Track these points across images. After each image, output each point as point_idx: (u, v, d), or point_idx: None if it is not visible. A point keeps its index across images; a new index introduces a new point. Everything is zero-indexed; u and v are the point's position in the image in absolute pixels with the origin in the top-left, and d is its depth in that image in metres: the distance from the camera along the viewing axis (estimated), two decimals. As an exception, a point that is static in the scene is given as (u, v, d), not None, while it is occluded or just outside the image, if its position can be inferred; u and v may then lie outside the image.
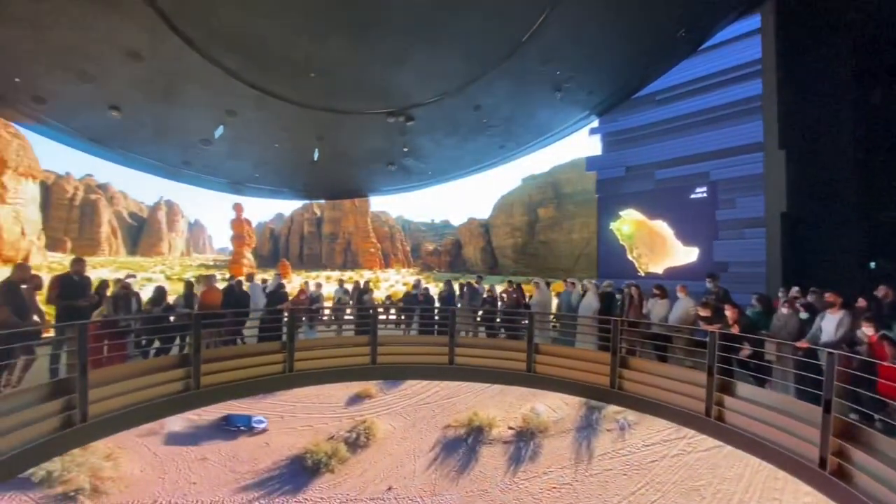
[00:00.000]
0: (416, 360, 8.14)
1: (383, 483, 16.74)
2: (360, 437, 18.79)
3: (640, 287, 8.04)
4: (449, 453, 18.60)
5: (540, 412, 20.40)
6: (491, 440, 19.09)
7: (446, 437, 19.49)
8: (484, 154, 10.15)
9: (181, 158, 7.57)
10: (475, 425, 19.51)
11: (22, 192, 58.77)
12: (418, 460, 18.24)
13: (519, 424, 19.80)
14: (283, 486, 16.11)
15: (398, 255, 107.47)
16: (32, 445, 4.82)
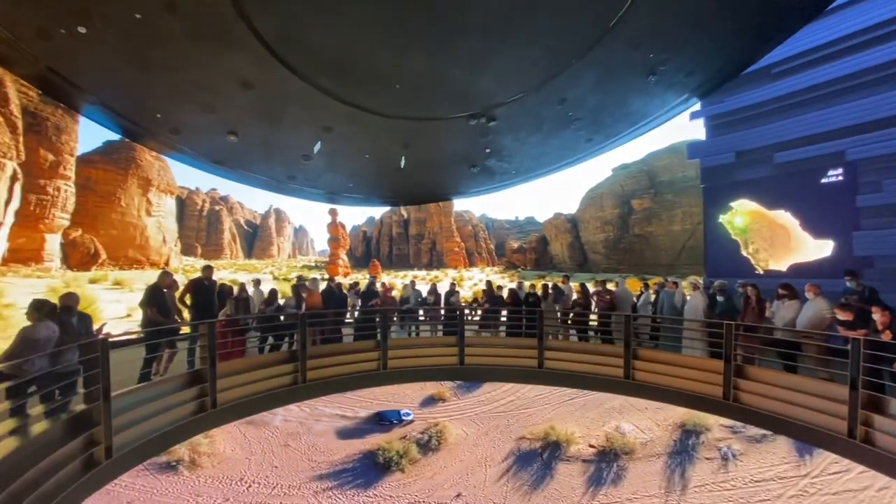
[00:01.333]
0: (505, 362, 8.10)
1: (452, 489, 16.48)
2: (431, 439, 18.72)
3: (758, 287, 7.13)
4: (522, 466, 17.72)
5: (626, 432, 18.78)
6: (569, 457, 17.88)
7: (520, 449, 18.60)
8: (570, 149, 9.73)
9: (286, 173, 8.43)
10: (552, 440, 18.45)
11: (162, 205, 69.71)
12: (490, 470, 17.60)
13: (601, 443, 18.33)
14: (354, 479, 16.57)
15: (482, 254, 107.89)
16: (176, 426, 5.69)
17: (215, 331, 6.08)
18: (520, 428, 20.01)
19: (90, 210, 59.37)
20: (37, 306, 5.26)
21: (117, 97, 5.75)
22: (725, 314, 6.96)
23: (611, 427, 19.13)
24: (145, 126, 6.25)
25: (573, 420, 20.17)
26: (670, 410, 18.56)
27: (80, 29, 4.53)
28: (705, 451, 17.34)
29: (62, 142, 48.49)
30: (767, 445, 16.94)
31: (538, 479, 16.93)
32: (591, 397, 21.15)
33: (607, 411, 20.42)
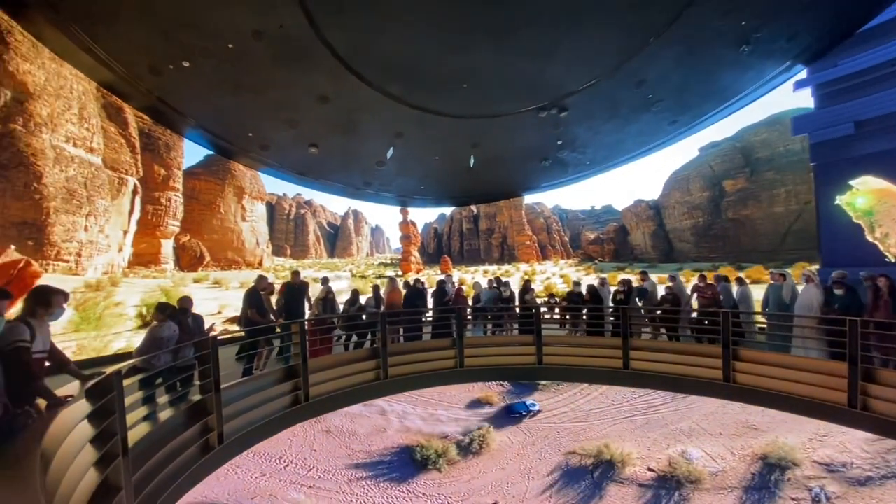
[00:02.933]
0: (586, 362, 7.79)
1: (489, 496, 15.64)
2: (473, 442, 17.99)
3: (890, 277, 6.14)
4: (569, 483, 16.20)
5: (693, 458, 16.49)
6: (623, 479, 16.06)
7: (569, 465, 17.10)
8: (651, 134, 9.07)
9: (362, 180, 8.85)
10: (605, 458, 16.82)
11: (255, 211, 76.70)
12: (532, 482, 16.38)
13: (662, 468, 16.28)
14: (390, 472, 16.41)
15: (556, 247, 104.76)
16: (275, 417, 6.25)
17: (306, 330, 6.58)
18: (571, 442, 18.51)
19: (195, 217, 67.03)
20: (161, 309, 6.01)
21: (215, 120, 6.41)
22: (846, 309, 6.07)
23: (676, 451, 16.80)
24: (239, 144, 6.92)
25: (632, 439, 18.11)
26: (750, 438, 16.71)
27: (184, 63, 5.12)
28: (791, 490, 14.49)
29: (171, 158, 55.28)
30: (874, 489, 13.76)
31: (586, 499, 15.43)
32: (655, 416, 19.27)
33: (673, 433, 17.95)
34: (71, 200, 34.26)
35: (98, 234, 37.53)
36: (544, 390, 22.69)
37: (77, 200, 34.87)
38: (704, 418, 18.37)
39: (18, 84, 31.46)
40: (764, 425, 17.31)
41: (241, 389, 6.11)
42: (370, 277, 59.53)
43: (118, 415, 3.91)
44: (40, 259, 31.56)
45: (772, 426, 17.06)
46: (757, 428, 17.23)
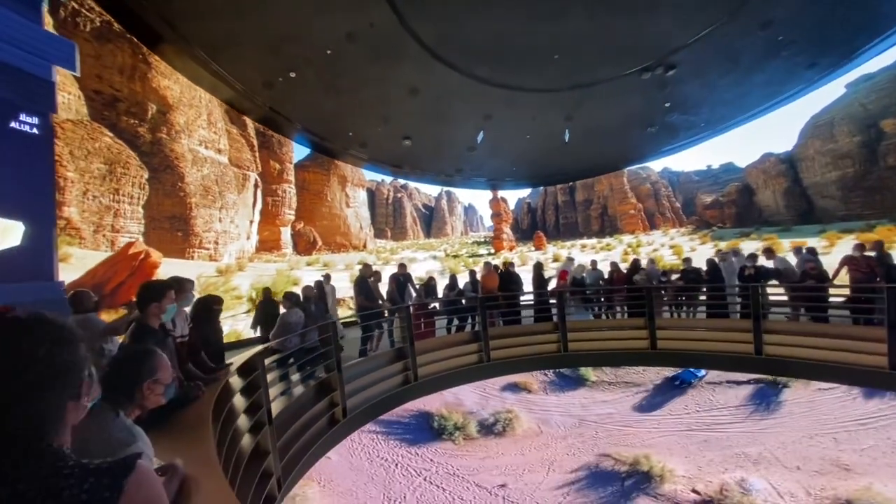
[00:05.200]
0: (707, 346, 7.09)
1: (499, 477, 14.76)
2: (497, 423, 17.07)
3: None
4: (593, 484, 14.60)
5: (754, 488, 13.67)
6: (658, 494, 14.02)
7: (598, 467, 15.54)
8: (782, 84, 7.72)
9: (454, 167, 8.95)
10: (642, 468, 14.96)
11: (357, 198, 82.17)
12: (552, 474, 15.06)
13: (710, 492, 13.89)
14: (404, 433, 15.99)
15: (665, 214, 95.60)
16: (390, 394, 6.77)
17: (411, 315, 6.98)
18: (608, 445, 16.72)
19: (307, 206, 73.95)
20: (288, 297, 6.79)
21: (319, 123, 6.95)
22: None
23: (734, 477, 14.26)
24: (341, 144, 7.43)
25: (682, 455, 15.70)
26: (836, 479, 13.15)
27: (291, 74, 5.59)
28: None
29: (283, 153, 61.36)
30: None
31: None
32: (719, 434, 16.26)
33: (735, 457, 15.21)
34: (206, 196, 40.06)
35: (230, 225, 43.48)
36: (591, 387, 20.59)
37: (211, 196, 40.66)
38: (781, 446, 15.16)
39: (160, 98, 37.30)
40: (861, 466, 13.79)
41: (359, 369, 6.71)
42: (463, 256, 60.45)
43: (263, 389, 4.53)
44: (188, 247, 37.63)
45: (871, 469, 13.53)
46: (849, 469, 13.80)
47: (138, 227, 33.30)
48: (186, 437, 2.88)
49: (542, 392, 20.30)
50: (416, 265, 47.40)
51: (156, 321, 3.11)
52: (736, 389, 18.54)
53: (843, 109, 61.09)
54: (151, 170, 35.04)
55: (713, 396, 18.46)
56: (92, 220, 29.64)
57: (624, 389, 20.29)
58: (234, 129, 49.85)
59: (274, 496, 4.40)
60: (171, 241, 36.75)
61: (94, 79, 33.86)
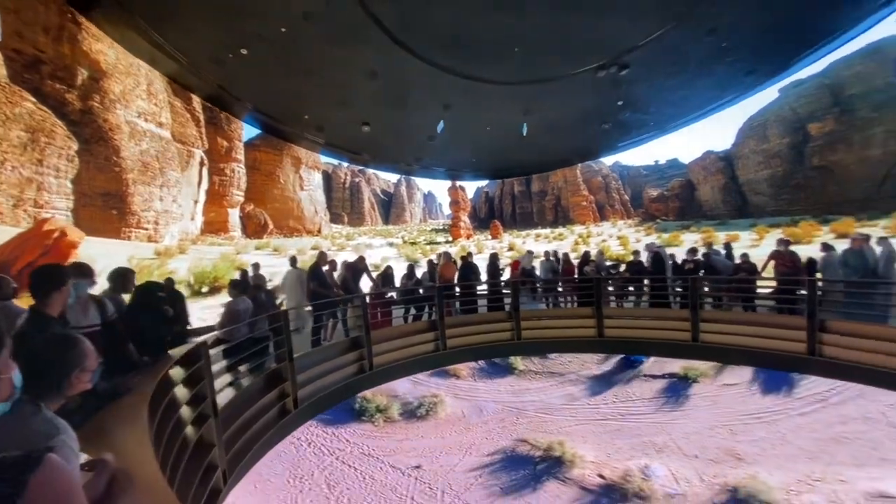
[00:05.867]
0: (651, 335, 7.55)
1: (415, 459, 15.01)
2: (421, 407, 17.34)
3: None
4: (506, 468, 15.26)
5: (654, 475, 14.58)
6: (566, 478, 14.65)
7: (514, 451, 16.00)
8: (724, 88, 8.21)
9: (414, 156, 8.86)
10: (555, 454, 15.60)
11: (312, 180, 79.47)
12: (468, 457, 15.51)
13: (614, 477, 14.65)
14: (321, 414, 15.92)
15: (615, 206, 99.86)
16: (343, 384, 6.71)
17: (367, 303, 6.92)
18: (527, 431, 17.18)
19: (258, 187, 70.71)
20: (234, 284, 6.52)
21: (272, 104, 6.62)
22: None
23: (638, 464, 15.05)
24: (296, 127, 7.13)
25: (594, 443, 16.49)
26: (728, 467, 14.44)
27: (242, 51, 5.27)
28: None
29: (232, 130, 58.07)
30: None
31: (516, 487, 14.46)
32: (631, 424, 17.37)
33: (643, 445, 16.08)
34: (146, 172, 37.31)
35: (172, 204, 40.82)
36: (519, 376, 21.14)
37: (151, 172, 37.92)
38: (684, 436, 16.32)
39: (92, 63, 34.02)
40: (751, 456, 15.07)
41: (312, 359, 6.58)
42: (420, 244, 60.32)
43: (207, 380, 4.37)
44: (124, 227, 35.04)
45: (760, 459, 14.85)
46: (741, 458, 15.04)
47: (66, 204, 30.45)
48: (120, 430, 2.76)
49: (471, 379, 20.58)
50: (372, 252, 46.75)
51: (56, 309, 2.90)
52: (651, 383, 19.58)
53: (776, 112, 65.90)
54: (82, 141, 32.02)
55: (630, 389, 19.47)
56: (11, 193, 26.77)
57: (549, 379, 20.91)
58: (177, 101, 46.44)
59: (219, 489, 4.29)
60: (105, 219, 33.97)
61: (14, 36, 30.31)
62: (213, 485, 4.17)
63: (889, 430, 14.52)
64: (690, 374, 18.96)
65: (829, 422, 15.52)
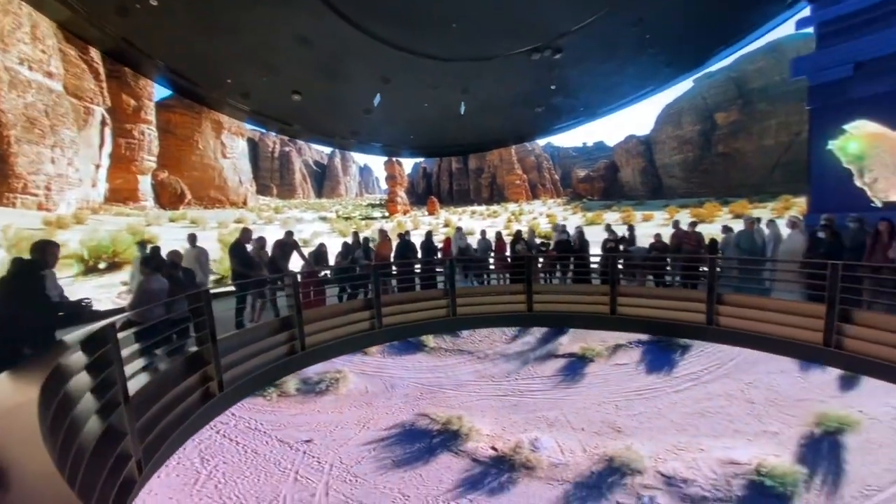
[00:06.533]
0: (575, 308, 8.11)
1: (307, 433, 15.11)
2: (322, 382, 17.27)
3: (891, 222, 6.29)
4: (402, 441, 15.84)
5: (542, 447, 15.67)
6: (460, 451, 15.52)
7: (413, 425, 16.61)
8: (646, 78, 8.79)
9: (349, 129, 8.50)
10: (453, 428, 16.28)
11: (236, 148, 73.55)
12: (364, 431, 15.85)
13: (505, 449, 15.62)
14: None
15: (546, 185, 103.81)
16: (273, 366, 6.49)
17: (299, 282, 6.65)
18: (429, 406, 17.74)
19: (172, 153, 64.12)
20: (145, 262, 5.97)
21: (189, 64, 5.97)
22: (829, 254, 6.26)
23: (529, 437, 16.14)
24: (217, 92, 6.51)
25: (492, 417, 17.37)
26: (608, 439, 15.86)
27: (152, 2, 4.65)
28: (621, 495, 13.97)
29: (140, 87, 51.65)
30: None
31: (409, 460, 15.09)
32: (528, 400, 18.63)
33: (536, 420, 17.16)
34: (32, 129, 32.27)
35: (67, 168, 35.89)
36: (429, 353, 21.48)
37: (39, 129, 32.86)
38: (575, 411, 17.58)
39: None
40: (629, 429, 16.46)
41: (238, 340, 6.26)
42: (355, 219, 58.84)
43: (116, 365, 4.03)
44: (6, 191, 30.39)
45: (637, 431, 16.27)
46: (621, 431, 16.39)
47: (-74, 164, 25.65)
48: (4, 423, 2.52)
49: (380, 356, 20.68)
50: (302, 226, 44.73)
51: None
52: (553, 362, 20.68)
53: (689, 101, 71.20)
54: (-55, 89, 26.93)
55: (533, 367, 20.48)
56: None
57: (458, 356, 21.36)
58: (71, 49, 40.18)
59: (133, 479, 4.03)
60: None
61: None
62: (127, 475, 3.91)
63: (745, 406, 16.57)
64: (588, 353, 20.37)
65: (697, 398, 17.34)
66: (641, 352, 20.32)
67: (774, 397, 16.68)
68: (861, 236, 6.69)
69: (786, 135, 58.50)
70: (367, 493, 13.82)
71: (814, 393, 16.50)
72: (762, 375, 17.74)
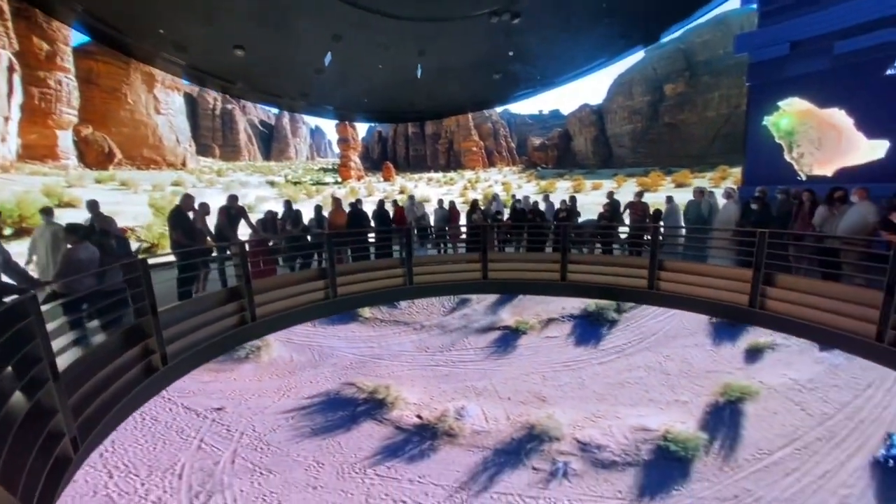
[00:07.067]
0: (528, 276, 8.37)
1: (218, 401, 14.80)
2: (241, 350, 16.78)
3: (814, 192, 6.87)
4: (324, 410, 15.63)
5: (467, 414, 15.91)
6: (384, 419, 15.53)
7: (339, 394, 16.41)
8: (600, 48, 8.86)
9: (299, 91, 7.97)
10: (380, 397, 16.17)
11: (171, 103, 67.45)
12: (284, 399, 15.67)
13: (431, 417, 15.70)
14: None
15: (502, 153, 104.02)
16: (222, 337, 6.26)
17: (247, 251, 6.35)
18: (357, 375, 17.59)
19: (97, 107, 57.87)
20: (71, 229, 5.48)
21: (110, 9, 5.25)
22: (758, 223, 6.79)
23: (456, 406, 16.31)
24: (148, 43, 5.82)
25: (422, 386, 17.36)
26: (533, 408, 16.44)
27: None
28: (538, 460, 14.29)
29: (54, 30, 45.54)
30: (612, 474, 13.91)
31: (329, 428, 14.94)
32: (459, 371, 18.85)
33: (465, 389, 17.39)
34: (-81, 75, 27.89)
35: (-35, 119, 31.60)
36: (363, 323, 21.34)
37: (-73, 75, 28.46)
38: (503, 381, 18.13)
39: None
40: (553, 399, 16.96)
41: (182, 312, 5.96)
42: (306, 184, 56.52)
43: (41, 340, 3.78)
44: None
45: (559, 401, 16.83)
46: (545, 400, 16.92)
47: None
48: None
49: (311, 325, 20.28)
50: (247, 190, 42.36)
51: None
52: (487, 334, 21.18)
53: (640, 72, 72.50)
54: None
55: (467, 339, 20.89)
56: None
57: (394, 327, 21.41)
58: (-39, -22, 34.50)
59: (69, 457, 3.87)
60: None
61: None
62: (60, 453, 3.76)
63: (661, 377, 17.77)
64: (521, 326, 20.98)
65: (619, 369, 18.40)
66: (572, 325, 21.03)
67: (688, 369, 17.79)
68: (787, 207, 7.33)
69: (726, 107, 61.32)
70: (277, 461, 13.60)
71: (722, 365, 17.74)
72: (679, 349, 18.88)
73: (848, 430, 13.99)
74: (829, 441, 13.74)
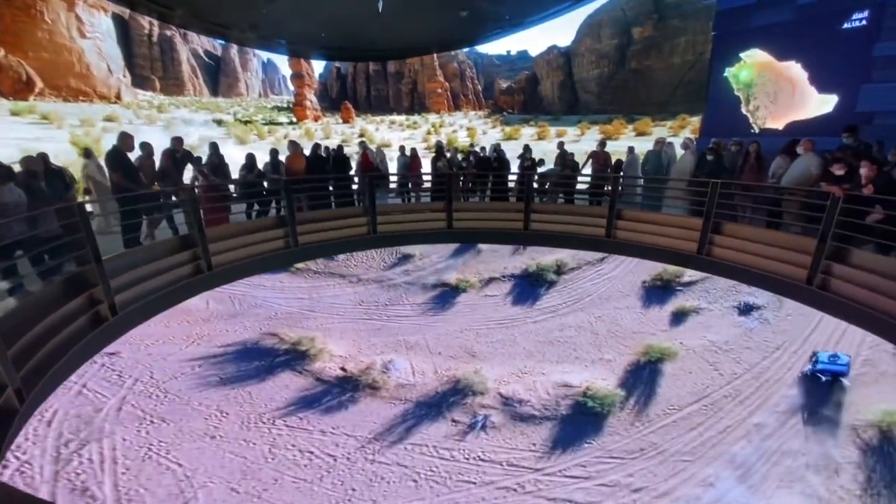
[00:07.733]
0: (492, 225, 8.44)
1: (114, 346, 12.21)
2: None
3: (759, 144, 7.16)
4: (237, 360, 14.88)
5: (394, 369, 15.61)
6: (304, 370, 14.91)
7: (257, 344, 15.68)
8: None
9: (247, 21, 7.12)
10: (302, 349, 15.44)
11: (98, 26, 59.59)
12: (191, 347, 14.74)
13: (355, 370, 15.23)
14: None
15: (468, 96, 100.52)
16: (177, 286, 6.00)
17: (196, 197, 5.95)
18: (281, 326, 16.83)
19: (9, 26, 50.34)
20: (-10, 170, 4.95)
21: None
22: (711, 174, 7.07)
23: (384, 359, 16.03)
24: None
25: (351, 340, 16.83)
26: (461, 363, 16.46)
27: None
28: (458, 413, 14.35)
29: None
30: (529, 427, 14.08)
31: (241, 378, 14.32)
32: (393, 325, 18.59)
33: (396, 343, 17.04)
34: None
35: None
36: (295, 273, 20.49)
37: None
38: (436, 337, 17.92)
39: None
40: (483, 355, 16.92)
41: (129, 260, 5.62)
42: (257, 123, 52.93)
43: None
44: None
45: (489, 357, 16.88)
46: (475, 356, 16.92)
47: None
48: None
49: None
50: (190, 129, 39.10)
51: None
52: (427, 291, 20.86)
53: (610, 13, 69.78)
54: None
55: (406, 294, 20.60)
56: None
57: (328, 279, 20.75)
58: None
59: (13, 408, 3.77)
60: None
61: None
62: (4, 405, 3.66)
63: (590, 336, 18.23)
64: (461, 284, 20.96)
65: (551, 328, 18.71)
66: (511, 285, 21.16)
67: (616, 330, 18.39)
68: (738, 159, 7.65)
69: (692, 54, 60.61)
70: (173, 410, 12.91)
71: (648, 327, 18.42)
72: (611, 310, 19.42)
73: (753, 388, 15.05)
74: (734, 398, 14.76)
